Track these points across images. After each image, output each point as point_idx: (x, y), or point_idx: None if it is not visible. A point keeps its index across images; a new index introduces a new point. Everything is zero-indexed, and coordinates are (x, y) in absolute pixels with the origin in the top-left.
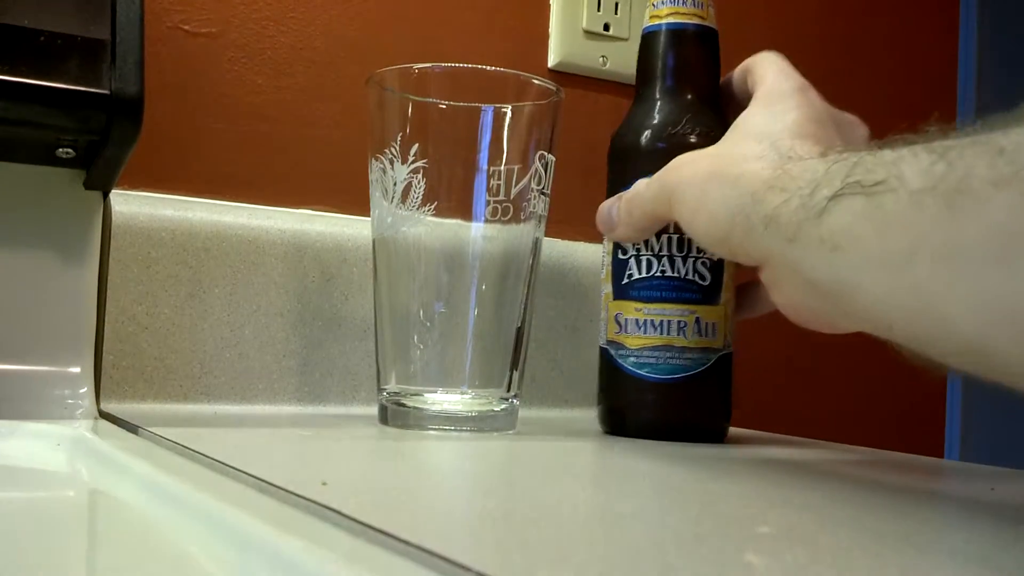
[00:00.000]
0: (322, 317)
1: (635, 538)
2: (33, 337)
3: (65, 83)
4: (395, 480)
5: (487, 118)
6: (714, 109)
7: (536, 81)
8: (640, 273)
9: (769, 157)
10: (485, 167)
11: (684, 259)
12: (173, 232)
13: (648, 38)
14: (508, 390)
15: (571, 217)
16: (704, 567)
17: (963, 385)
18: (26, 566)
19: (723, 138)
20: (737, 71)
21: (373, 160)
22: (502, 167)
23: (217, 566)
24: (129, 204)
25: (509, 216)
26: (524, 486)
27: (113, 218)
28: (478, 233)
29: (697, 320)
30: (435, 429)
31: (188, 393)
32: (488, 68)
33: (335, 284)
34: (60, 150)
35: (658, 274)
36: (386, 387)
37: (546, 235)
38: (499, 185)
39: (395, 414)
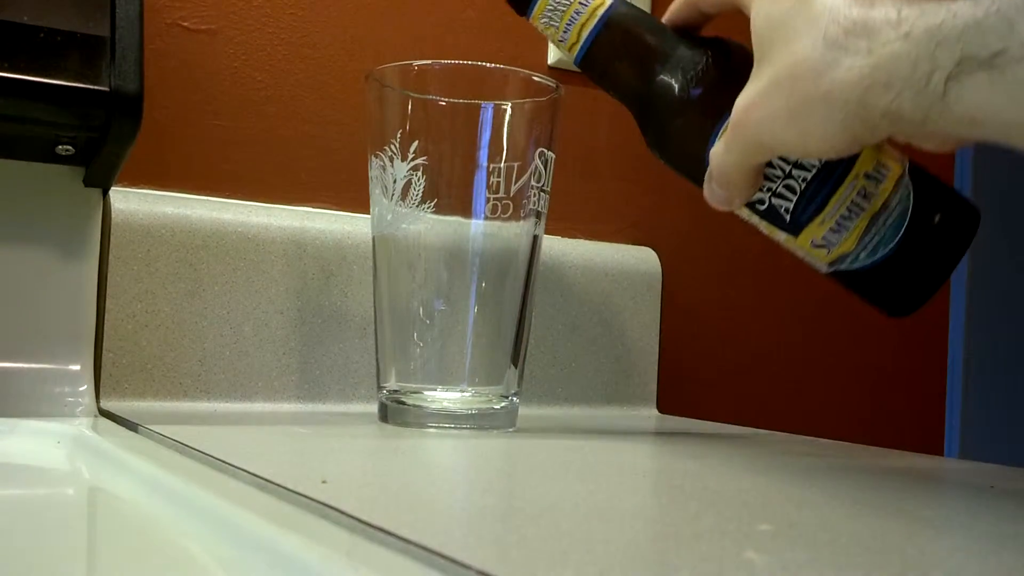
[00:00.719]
0: (322, 315)
1: (634, 536)
2: (33, 335)
3: (65, 80)
4: (395, 478)
5: (487, 115)
6: (689, 38)
7: (536, 78)
8: (791, 200)
9: (840, 59)
10: (485, 164)
11: None
12: (173, 229)
13: (588, 60)
14: (508, 388)
15: (571, 214)
16: (703, 565)
17: (963, 384)
18: (26, 563)
19: (761, 54)
20: (680, 9)
21: (373, 157)
22: (502, 164)
23: (217, 563)
24: (129, 201)
25: (509, 213)
26: (523, 484)
27: (113, 215)
28: (478, 230)
29: (866, 176)
30: (435, 427)
31: (188, 391)
32: (488, 65)
33: (335, 282)
34: (60, 147)
35: (802, 185)
36: (386, 385)
37: (546, 232)
38: (499, 182)
39: (395, 412)
